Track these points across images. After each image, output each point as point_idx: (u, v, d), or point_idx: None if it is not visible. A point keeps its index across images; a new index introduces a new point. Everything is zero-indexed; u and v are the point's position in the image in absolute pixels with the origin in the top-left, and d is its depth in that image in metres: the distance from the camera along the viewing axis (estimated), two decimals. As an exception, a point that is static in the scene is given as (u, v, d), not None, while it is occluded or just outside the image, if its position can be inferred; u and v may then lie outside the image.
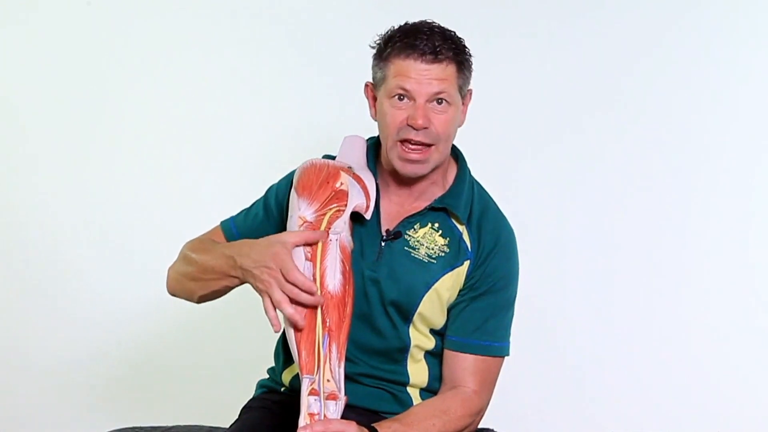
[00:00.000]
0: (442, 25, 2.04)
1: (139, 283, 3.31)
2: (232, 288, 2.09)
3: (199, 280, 2.11)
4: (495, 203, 2.15)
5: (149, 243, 3.30)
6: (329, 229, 1.99)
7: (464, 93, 2.04)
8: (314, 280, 1.95)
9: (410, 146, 2.01)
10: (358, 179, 2.07)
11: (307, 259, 1.96)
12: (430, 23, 2.02)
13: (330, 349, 1.92)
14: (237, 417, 2.22)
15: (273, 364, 2.26)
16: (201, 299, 2.16)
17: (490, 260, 2.08)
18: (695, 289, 3.16)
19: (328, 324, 1.93)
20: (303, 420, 1.88)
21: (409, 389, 2.13)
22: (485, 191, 2.16)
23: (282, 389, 2.21)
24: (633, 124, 3.16)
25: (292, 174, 2.12)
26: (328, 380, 1.90)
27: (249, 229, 2.15)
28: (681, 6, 3.13)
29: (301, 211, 2.01)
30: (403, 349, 2.10)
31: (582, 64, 3.17)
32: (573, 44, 3.17)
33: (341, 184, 2.05)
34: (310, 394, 1.89)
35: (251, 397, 2.26)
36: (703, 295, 3.16)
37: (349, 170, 2.08)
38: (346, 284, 1.97)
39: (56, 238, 3.35)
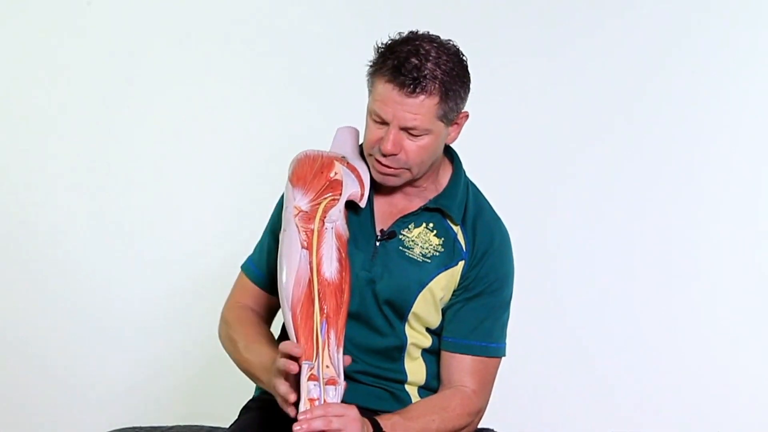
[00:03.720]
0: (447, 40, 2.01)
1: (139, 284, 3.32)
2: None
3: (240, 367, 2.16)
4: (490, 205, 2.16)
5: (151, 244, 3.31)
6: (324, 218, 2.01)
7: (451, 118, 2.02)
8: (311, 267, 1.97)
9: (380, 164, 2.03)
10: (353, 168, 2.09)
11: (303, 247, 1.98)
12: (429, 42, 1.98)
13: (328, 336, 1.93)
14: (237, 417, 2.21)
15: (273, 365, 2.26)
16: None
17: (485, 261, 2.09)
18: (694, 290, 3.16)
19: (325, 311, 1.95)
20: (303, 405, 1.89)
21: (407, 387, 2.13)
22: (480, 193, 2.16)
23: (281, 389, 2.21)
24: (633, 126, 3.17)
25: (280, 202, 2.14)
26: (327, 366, 1.91)
27: (267, 264, 2.15)
28: (687, 13, 3.14)
29: (296, 201, 2.02)
30: (401, 348, 2.10)
31: (583, 65, 3.18)
32: (575, 46, 3.18)
33: (335, 173, 2.06)
34: (310, 379, 1.90)
35: (251, 397, 2.26)
36: (702, 295, 3.16)
37: (343, 159, 2.10)
38: (343, 271, 1.99)
39: (58, 238, 3.35)
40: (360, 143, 2.15)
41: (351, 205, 2.08)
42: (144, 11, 3.29)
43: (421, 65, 1.95)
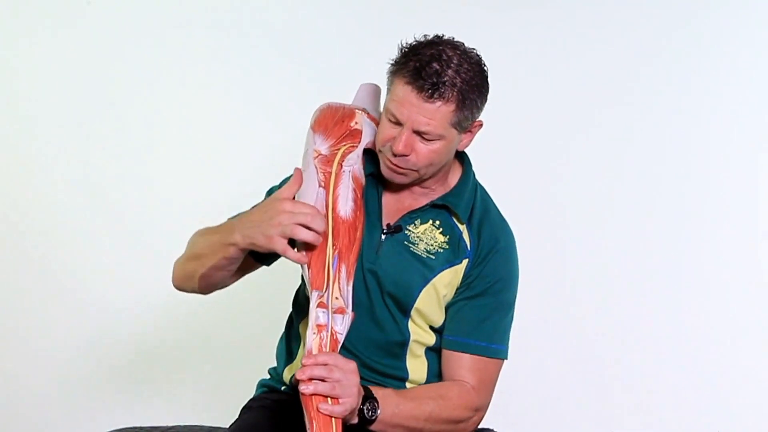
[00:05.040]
0: (470, 48, 2.01)
1: (139, 284, 3.32)
2: (231, 263, 2.06)
3: (198, 257, 2.11)
4: (497, 208, 2.17)
5: (151, 244, 3.30)
6: (343, 161, 2.07)
7: (465, 126, 2.03)
8: (326, 206, 2.02)
9: (390, 163, 2.04)
10: (373, 119, 2.14)
11: (320, 186, 2.03)
12: (453, 48, 1.99)
13: (339, 270, 1.99)
14: (237, 417, 2.22)
15: (274, 364, 2.27)
16: (202, 282, 2.14)
17: (488, 261, 2.10)
18: (695, 291, 3.16)
19: (338, 247, 2.00)
20: (310, 331, 1.94)
21: (407, 385, 2.13)
22: (488, 196, 2.17)
23: (282, 388, 2.21)
24: (635, 129, 3.17)
25: (289, 177, 2.14)
26: (336, 297, 1.96)
27: None
28: (686, 11, 3.14)
29: (316, 145, 2.08)
30: (403, 343, 2.11)
31: (590, 68, 3.18)
32: (579, 49, 3.18)
33: (356, 123, 2.12)
34: (319, 306, 1.95)
35: (251, 396, 2.26)
36: (703, 296, 3.16)
37: (364, 111, 2.15)
38: (357, 210, 2.05)
39: (59, 237, 3.35)
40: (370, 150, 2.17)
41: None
42: (144, 10, 3.29)
43: (441, 71, 1.96)
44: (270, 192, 2.19)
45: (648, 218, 3.17)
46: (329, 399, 1.89)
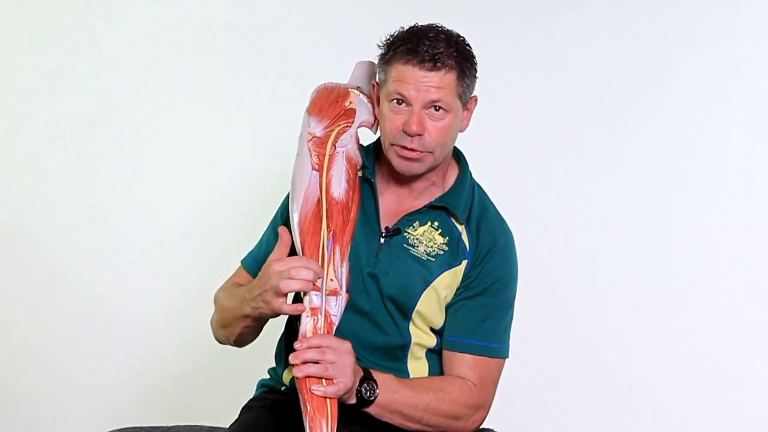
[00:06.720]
0: (451, 29, 2.04)
1: (139, 284, 3.32)
2: (254, 327, 2.10)
3: (226, 326, 2.15)
4: (495, 207, 2.17)
5: (152, 244, 3.30)
6: (336, 142, 2.10)
7: (466, 99, 2.05)
8: (320, 188, 2.05)
9: (405, 149, 2.04)
10: (368, 98, 2.17)
11: (314, 169, 2.06)
12: (437, 27, 2.03)
13: (334, 251, 2.00)
14: (237, 416, 2.22)
15: (273, 365, 2.27)
16: (237, 344, 2.19)
17: (488, 261, 2.10)
18: (695, 291, 3.16)
19: (332, 228, 2.02)
20: (304, 315, 1.95)
21: (409, 387, 2.13)
22: (486, 195, 2.18)
23: (282, 388, 2.21)
24: (635, 130, 3.17)
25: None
26: (331, 280, 1.98)
27: (266, 257, 2.12)
28: (687, 15, 3.14)
29: (310, 127, 2.11)
30: (404, 346, 2.10)
31: (586, 68, 3.18)
32: (579, 50, 3.18)
33: (350, 102, 2.16)
34: (313, 290, 1.95)
35: (251, 396, 2.26)
36: (704, 296, 3.16)
37: (359, 89, 2.18)
38: (351, 191, 2.07)
39: (58, 237, 3.35)
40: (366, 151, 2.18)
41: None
42: (144, 11, 3.29)
43: (435, 44, 1.99)
44: (276, 215, 2.21)
45: (648, 217, 3.16)
46: (324, 381, 1.90)
